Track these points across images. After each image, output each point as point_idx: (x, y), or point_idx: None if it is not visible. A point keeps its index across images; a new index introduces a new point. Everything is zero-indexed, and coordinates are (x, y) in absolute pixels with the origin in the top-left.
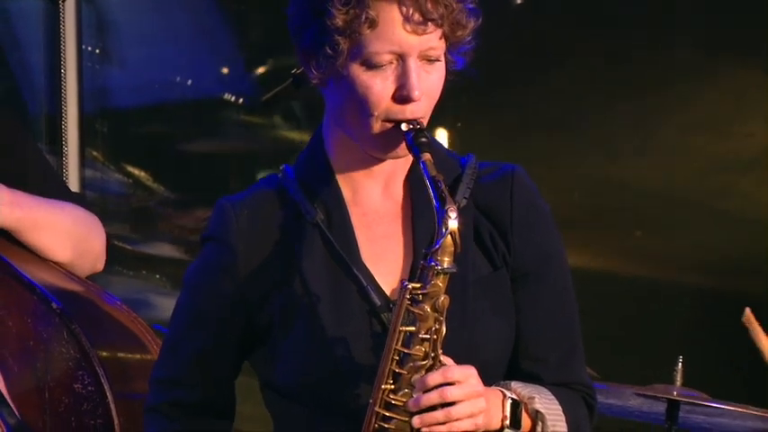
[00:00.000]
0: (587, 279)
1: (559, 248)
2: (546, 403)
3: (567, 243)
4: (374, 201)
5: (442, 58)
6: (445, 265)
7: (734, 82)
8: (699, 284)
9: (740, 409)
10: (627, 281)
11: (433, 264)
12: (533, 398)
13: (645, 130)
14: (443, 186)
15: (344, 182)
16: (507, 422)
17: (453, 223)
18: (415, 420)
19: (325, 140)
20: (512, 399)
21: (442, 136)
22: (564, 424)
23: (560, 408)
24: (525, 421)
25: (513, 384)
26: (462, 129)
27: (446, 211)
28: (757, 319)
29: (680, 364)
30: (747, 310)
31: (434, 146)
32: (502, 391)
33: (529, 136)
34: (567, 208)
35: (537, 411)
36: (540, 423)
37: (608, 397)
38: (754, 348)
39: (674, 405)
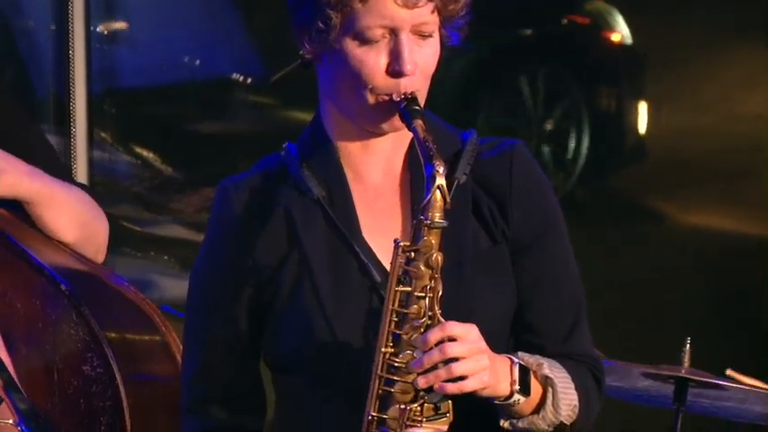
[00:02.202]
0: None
1: (559, 221)
2: (555, 370)
3: (569, 222)
4: (375, 177)
5: (436, 34)
6: (436, 220)
7: None
8: (708, 265)
9: (747, 387)
10: (636, 261)
11: (422, 218)
12: (542, 364)
13: None
14: (433, 146)
15: (345, 158)
16: (517, 387)
17: (441, 179)
18: (421, 381)
19: (323, 118)
20: (520, 364)
21: None
22: (573, 392)
23: (569, 376)
24: (535, 388)
25: (520, 354)
26: None
27: (434, 166)
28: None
29: (688, 345)
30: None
31: (433, 121)
32: (509, 358)
33: None
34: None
35: (546, 377)
36: (550, 389)
37: (616, 379)
38: (762, 330)
39: (682, 386)
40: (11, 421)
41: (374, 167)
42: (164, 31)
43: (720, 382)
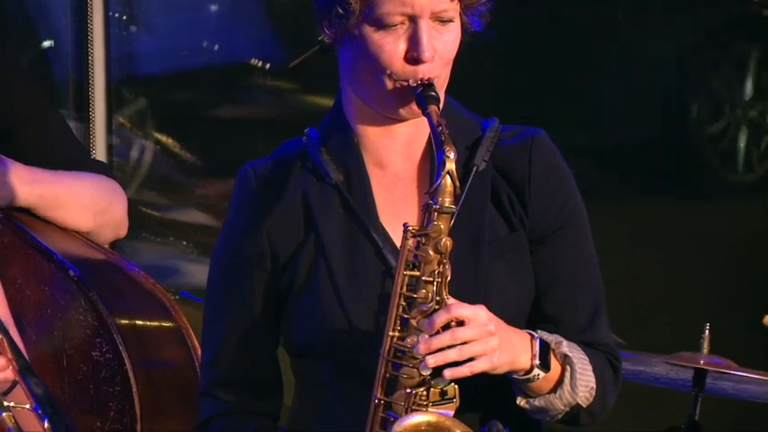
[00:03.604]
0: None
1: (580, 211)
2: (574, 351)
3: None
4: (394, 163)
5: (456, 19)
6: (446, 205)
7: None
8: (727, 252)
9: (763, 378)
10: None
11: (431, 203)
12: (561, 342)
13: None
14: (445, 132)
15: (364, 144)
16: (537, 361)
17: (451, 164)
18: (429, 360)
19: (344, 103)
20: (540, 339)
21: None
22: (591, 374)
23: (587, 358)
24: (555, 366)
25: (539, 331)
26: None
27: (444, 151)
28: None
29: (707, 331)
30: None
31: (454, 107)
32: (529, 333)
33: None
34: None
35: (565, 355)
36: (568, 368)
37: (635, 365)
38: None
39: (700, 373)
40: (27, 406)
41: (393, 153)
42: (183, 17)
43: (737, 373)
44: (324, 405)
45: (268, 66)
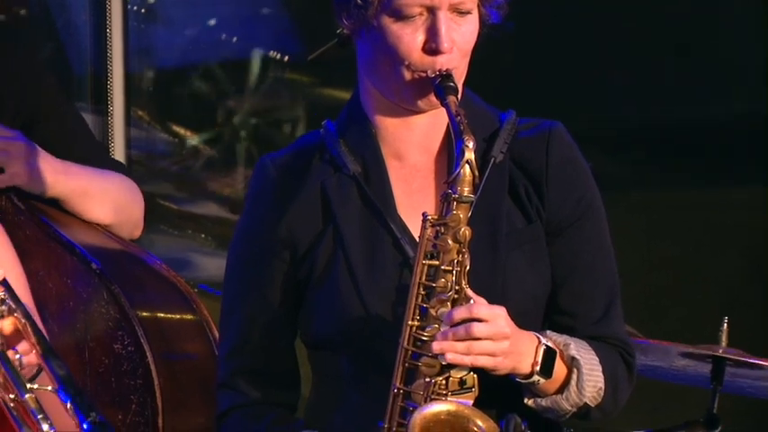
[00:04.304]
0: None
1: (597, 204)
2: (582, 352)
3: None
4: (412, 154)
5: (475, 11)
6: (464, 194)
7: None
8: (746, 243)
9: None
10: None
11: (450, 192)
12: (569, 344)
13: None
14: (464, 121)
15: (382, 135)
16: (537, 368)
17: (470, 153)
18: (435, 345)
19: (362, 95)
20: (546, 346)
21: None
22: (600, 374)
23: (597, 358)
24: (561, 368)
25: (548, 332)
26: None
27: (464, 141)
28: None
29: (725, 324)
30: None
31: (472, 99)
32: (537, 337)
33: None
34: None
35: (573, 358)
36: (575, 370)
37: (653, 358)
38: None
39: (719, 365)
40: (50, 387)
41: (411, 145)
42: (200, 9)
43: (757, 362)
44: (341, 396)
45: (286, 58)
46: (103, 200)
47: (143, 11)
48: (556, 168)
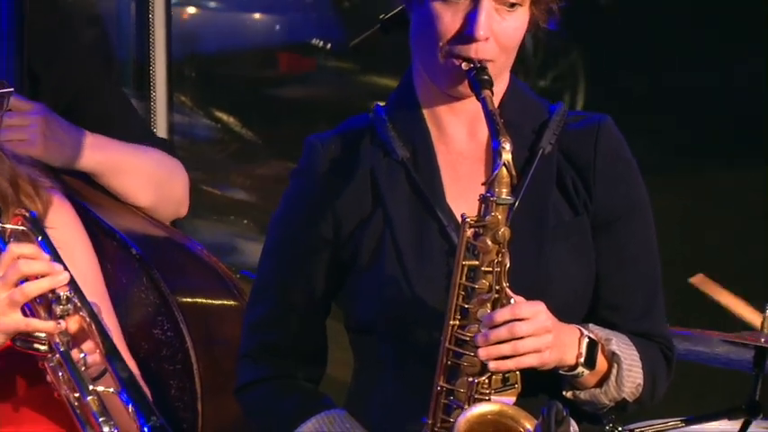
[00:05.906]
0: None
1: (644, 199)
2: (623, 347)
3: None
4: (459, 140)
5: (525, 8)
6: (503, 196)
7: None
8: None
9: None
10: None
11: (488, 195)
12: (610, 339)
13: None
14: (500, 120)
15: (431, 120)
16: (582, 359)
17: (507, 155)
18: (481, 352)
19: (413, 78)
20: (589, 337)
21: None
22: (640, 370)
23: (637, 354)
24: (601, 363)
25: (591, 326)
26: None
27: (500, 143)
28: None
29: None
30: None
31: (521, 90)
32: (579, 329)
33: None
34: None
35: (613, 353)
36: (615, 365)
37: (695, 344)
38: None
39: (761, 352)
40: (112, 389)
41: (459, 130)
42: None
43: None
44: (379, 384)
45: (329, 45)
46: (139, 175)
47: None
48: (604, 162)
